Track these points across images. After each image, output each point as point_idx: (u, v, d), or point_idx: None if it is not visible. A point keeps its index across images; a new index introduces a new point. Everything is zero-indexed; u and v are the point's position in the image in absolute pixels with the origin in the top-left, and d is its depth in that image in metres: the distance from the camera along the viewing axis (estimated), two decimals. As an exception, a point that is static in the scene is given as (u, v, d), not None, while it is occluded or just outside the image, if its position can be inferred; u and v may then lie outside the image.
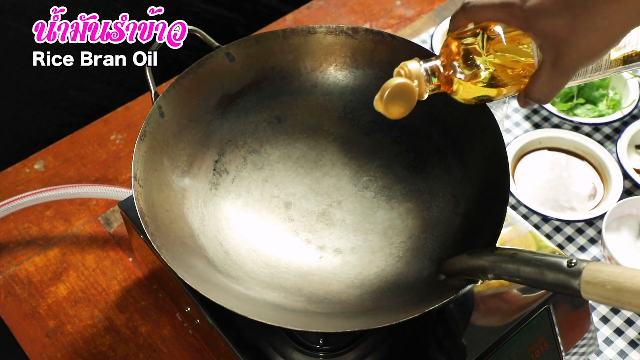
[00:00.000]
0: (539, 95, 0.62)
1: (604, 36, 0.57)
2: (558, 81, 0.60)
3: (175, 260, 0.64)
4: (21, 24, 1.77)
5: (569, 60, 0.58)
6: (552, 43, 0.58)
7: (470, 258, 0.62)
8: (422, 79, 0.64)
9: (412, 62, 0.64)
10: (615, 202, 0.92)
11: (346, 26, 0.79)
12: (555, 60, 0.59)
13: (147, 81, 0.75)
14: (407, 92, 0.64)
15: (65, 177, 0.99)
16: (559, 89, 0.61)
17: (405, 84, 0.63)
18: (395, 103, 0.64)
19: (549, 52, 0.59)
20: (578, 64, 0.59)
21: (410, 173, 0.79)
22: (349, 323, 0.66)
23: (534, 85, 0.61)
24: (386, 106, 0.65)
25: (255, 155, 0.80)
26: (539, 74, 0.61)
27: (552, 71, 0.59)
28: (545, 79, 0.60)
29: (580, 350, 0.78)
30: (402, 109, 0.65)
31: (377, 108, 0.66)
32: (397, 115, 0.65)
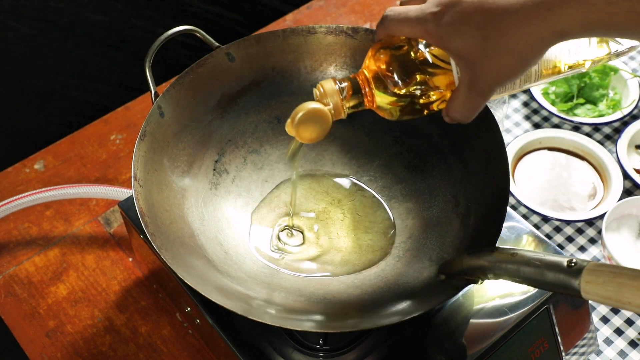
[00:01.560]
0: (457, 114, 0.60)
1: (517, 59, 0.55)
2: (475, 101, 0.58)
3: (175, 260, 0.64)
4: (21, 24, 1.77)
5: (483, 81, 0.56)
6: (467, 64, 0.56)
7: (470, 258, 0.62)
8: (338, 98, 0.62)
9: (328, 81, 0.63)
10: (615, 202, 0.92)
11: (346, 26, 0.79)
12: (471, 80, 0.57)
13: (147, 81, 0.75)
14: (319, 117, 0.63)
15: (65, 177, 0.99)
16: (477, 109, 0.59)
17: (317, 109, 0.63)
18: (307, 127, 0.64)
19: (465, 72, 0.57)
20: (493, 85, 0.57)
21: (410, 173, 0.79)
22: (349, 323, 0.66)
23: (452, 105, 0.60)
24: (297, 131, 0.64)
25: (255, 155, 0.80)
26: (457, 93, 0.59)
27: (469, 92, 0.58)
28: (463, 99, 0.58)
29: (580, 350, 0.78)
30: (315, 134, 0.64)
31: (289, 132, 0.65)
32: (311, 138, 0.65)
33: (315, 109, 0.63)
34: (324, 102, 0.63)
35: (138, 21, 1.78)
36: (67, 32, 1.78)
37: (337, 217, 0.77)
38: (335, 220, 0.77)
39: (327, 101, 0.63)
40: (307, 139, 0.65)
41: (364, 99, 0.63)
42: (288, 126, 0.65)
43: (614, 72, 1.06)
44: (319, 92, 0.63)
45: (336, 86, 0.62)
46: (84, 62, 1.74)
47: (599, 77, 1.05)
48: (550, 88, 1.06)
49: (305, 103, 0.63)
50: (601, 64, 0.65)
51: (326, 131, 0.64)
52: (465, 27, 0.55)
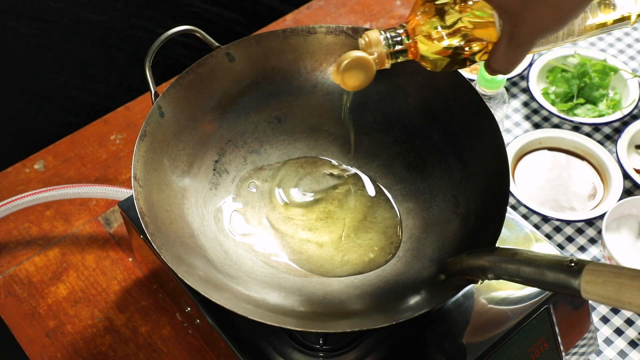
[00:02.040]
0: (498, 66, 0.60)
1: (556, 11, 0.55)
2: (515, 53, 0.59)
3: (175, 260, 0.64)
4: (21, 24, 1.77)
5: (523, 33, 0.57)
6: (508, 15, 0.56)
7: (470, 258, 0.62)
8: (382, 47, 0.64)
9: (374, 31, 0.65)
10: (615, 202, 0.92)
11: (346, 26, 0.79)
12: (512, 32, 0.57)
13: (147, 81, 0.75)
14: (363, 65, 0.65)
15: (65, 177, 0.99)
16: (518, 61, 0.60)
17: (361, 57, 0.65)
18: (351, 75, 0.66)
19: (506, 23, 0.57)
20: (533, 38, 0.57)
21: (410, 173, 0.79)
22: (349, 323, 0.66)
23: (493, 56, 0.60)
24: (342, 77, 0.66)
25: (255, 155, 0.80)
26: (498, 45, 0.60)
27: (509, 43, 0.58)
28: (503, 51, 0.59)
29: (580, 350, 0.78)
30: (359, 81, 0.67)
31: (335, 80, 0.67)
32: (355, 86, 0.67)
33: (360, 57, 0.65)
34: (368, 51, 0.65)
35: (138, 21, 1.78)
36: (67, 32, 1.77)
37: (337, 216, 0.77)
38: (335, 219, 0.77)
39: (372, 50, 0.65)
40: (352, 86, 0.67)
41: (407, 49, 0.64)
42: (334, 74, 0.67)
43: (614, 72, 1.06)
44: (364, 42, 0.65)
45: (381, 36, 0.64)
46: (84, 62, 1.74)
47: (599, 77, 1.05)
48: (550, 88, 1.06)
49: (350, 51, 0.65)
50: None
51: (370, 79, 0.67)
52: None
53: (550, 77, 1.08)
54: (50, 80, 1.69)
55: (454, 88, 0.75)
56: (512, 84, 1.10)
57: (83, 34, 1.78)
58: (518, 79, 1.10)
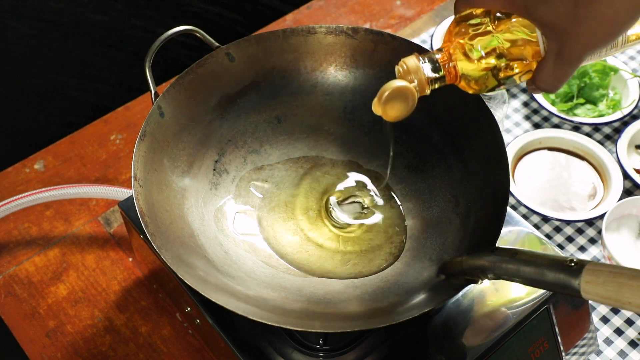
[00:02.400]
0: (545, 85, 0.59)
1: (608, 25, 0.53)
2: (563, 71, 0.57)
3: (175, 260, 0.64)
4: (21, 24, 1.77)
5: (573, 50, 0.55)
6: (555, 32, 0.55)
7: (470, 258, 0.62)
8: (422, 74, 0.63)
9: (411, 58, 0.63)
10: (615, 202, 0.92)
11: (346, 26, 0.79)
12: (559, 50, 0.56)
13: (147, 81, 0.75)
14: (405, 94, 0.63)
15: (65, 177, 0.99)
16: (566, 78, 0.58)
17: (402, 86, 0.63)
18: (393, 106, 0.64)
19: (553, 41, 0.56)
20: (583, 54, 0.56)
21: (410, 173, 0.79)
22: (349, 323, 0.66)
23: (539, 75, 0.59)
24: (384, 109, 0.64)
25: (255, 155, 0.80)
26: (544, 63, 0.58)
27: (557, 61, 0.57)
28: (550, 69, 0.58)
29: (580, 350, 0.78)
30: (401, 112, 0.64)
31: (376, 112, 0.65)
32: (396, 117, 0.65)
33: (402, 87, 0.63)
34: (407, 79, 0.63)
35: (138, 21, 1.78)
36: (67, 32, 1.77)
37: (338, 216, 0.77)
38: (335, 220, 0.77)
39: (411, 78, 0.63)
40: (394, 117, 0.65)
41: (446, 74, 0.63)
42: (375, 105, 0.65)
43: (614, 72, 1.06)
44: (401, 69, 0.63)
45: (419, 62, 0.62)
46: (84, 62, 1.74)
47: (599, 77, 1.05)
48: (550, 88, 1.06)
49: (390, 82, 0.63)
50: None
51: (412, 109, 0.64)
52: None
53: (550, 77, 1.08)
54: (50, 80, 1.69)
55: (454, 88, 0.75)
56: (512, 84, 1.10)
57: (83, 34, 1.78)
58: (518, 79, 1.10)
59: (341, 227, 0.76)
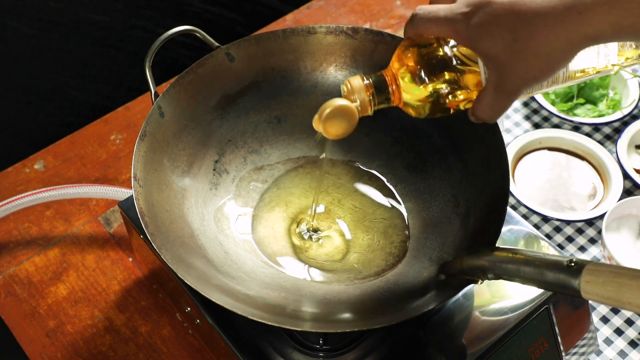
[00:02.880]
0: (483, 114, 0.60)
1: (544, 62, 0.55)
2: (501, 103, 0.58)
3: (175, 260, 0.64)
4: (21, 24, 1.77)
5: (511, 83, 0.56)
6: (495, 64, 0.56)
7: (470, 258, 0.62)
8: (365, 95, 0.63)
9: (356, 78, 0.63)
10: (615, 202, 0.92)
11: (346, 26, 0.79)
12: (498, 81, 0.57)
13: (147, 81, 0.75)
14: (346, 113, 0.63)
15: (65, 177, 0.99)
16: (503, 110, 0.59)
17: (344, 105, 0.63)
18: (334, 124, 0.64)
19: (492, 72, 0.57)
20: (520, 87, 0.57)
21: (410, 173, 0.79)
22: (349, 323, 0.66)
23: (478, 105, 0.60)
24: (325, 127, 0.64)
25: (255, 155, 0.80)
26: (483, 94, 0.59)
27: (495, 92, 0.58)
28: (489, 99, 0.58)
29: (580, 350, 0.78)
30: (342, 130, 0.64)
31: (316, 128, 0.65)
32: (337, 135, 0.65)
33: (343, 106, 0.63)
34: (351, 98, 0.63)
35: (138, 21, 1.78)
36: (67, 32, 1.77)
37: (338, 216, 0.77)
38: (335, 219, 0.77)
39: (354, 97, 0.63)
40: (334, 135, 0.65)
41: (390, 96, 0.63)
42: (315, 122, 0.65)
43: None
44: (346, 89, 0.64)
45: (363, 82, 0.63)
46: (84, 62, 1.74)
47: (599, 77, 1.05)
48: (550, 88, 1.06)
49: (332, 100, 0.64)
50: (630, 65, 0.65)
51: (352, 127, 0.64)
52: (495, 29, 0.55)
53: (550, 77, 1.08)
54: (50, 80, 1.69)
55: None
56: (512, 84, 1.10)
57: (83, 34, 1.78)
58: (518, 79, 1.10)
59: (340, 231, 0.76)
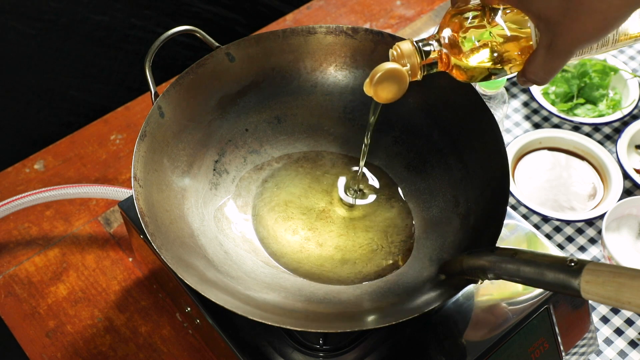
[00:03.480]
0: (535, 77, 0.60)
1: (600, 20, 0.54)
2: (553, 64, 0.58)
3: (175, 260, 0.64)
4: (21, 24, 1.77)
5: (563, 43, 0.56)
6: (547, 25, 0.56)
7: (470, 258, 0.62)
8: (415, 59, 0.63)
9: (406, 42, 0.64)
10: (615, 202, 0.92)
11: (346, 26, 0.79)
12: (551, 42, 0.56)
13: (147, 81, 0.75)
14: (397, 77, 0.64)
15: (65, 177, 0.99)
16: (555, 71, 0.59)
17: (395, 69, 0.64)
18: (384, 87, 0.64)
19: (545, 33, 0.56)
20: (573, 48, 0.56)
21: (410, 173, 0.79)
22: (349, 323, 0.66)
23: (530, 66, 0.60)
24: (376, 90, 0.65)
25: (255, 155, 0.80)
26: (535, 55, 0.59)
27: (547, 53, 0.57)
28: (541, 61, 0.58)
29: (580, 350, 0.78)
30: (392, 94, 0.65)
31: (367, 92, 0.66)
32: (387, 99, 0.66)
33: (394, 69, 0.64)
34: (400, 62, 0.64)
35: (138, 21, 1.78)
36: (67, 32, 1.77)
37: (337, 215, 0.77)
38: (335, 219, 0.77)
39: (404, 62, 0.64)
40: (384, 99, 0.66)
41: (439, 60, 0.64)
42: (366, 86, 0.66)
43: (614, 72, 1.06)
44: (395, 53, 0.64)
45: (414, 47, 0.63)
46: (84, 62, 1.73)
47: (599, 77, 1.05)
48: (550, 88, 1.06)
49: (383, 63, 0.64)
50: None
51: (403, 91, 0.65)
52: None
53: (550, 77, 1.08)
54: (50, 80, 1.69)
55: (454, 88, 0.75)
56: (512, 84, 1.10)
57: (83, 34, 1.78)
58: (518, 79, 1.10)
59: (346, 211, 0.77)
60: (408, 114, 0.79)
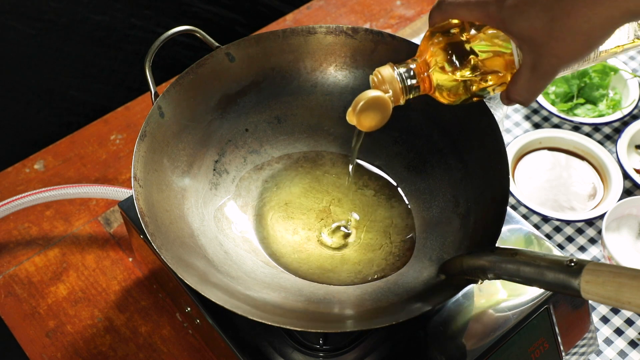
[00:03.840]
0: (519, 97, 0.59)
1: (583, 40, 0.53)
2: (538, 84, 0.58)
3: (175, 260, 0.64)
4: (21, 24, 1.77)
5: (548, 64, 0.56)
6: (531, 46, 0.55)
7: (470, 258, 0.62)
8: (397, 84, 0.63)
9: (386, 67, 0.63)
10: (615, 202, 0.92)
11: (346, 26, 0.79)
12: (534, 63, 0.56)
13: (147, 81, 0.75)
14: (380, 105, 0.63)
15: (65, 177, 0.99)
16: (540, 91, 0.59)
17: (377, 97, 0.63)
18: (367, 116, 0.64)
19: (528, 54, 0.56)
20: (558, 68, 0.56)
21: (410, 173, 0.79)
22: (349, 323, 0.66)
23: (514, 87, 0.59)
24: (359, 119, 0.64)
25: (255, 155, 0.80)
26: (518, 76, 0.58)
27: (532, 74, 0.57)
28: (525, 82, 0.58)
29: (580, 350, 0.78)
30: (376, 122, 0.64)
31: (350, 121, 0.65)
32: (371, 127, 0.65)
33: (377, 97, 0.63)
34: (382, 88, 0.63)
35: (138, 21, 1.78)
36: (67, 32, 1.77)
37: (337, 215, 0.77)
38: (335, 219, 0.77)
39: (386, 88, 0.63)
40: (368, 127, 0.65)
41: (421, 84, 0.63)
42: (349, 115, 0.65)
43: (614, 72, 1.06)
44: (376, 79, 0.63)
45: (394, 72, 0.62)
46: (84, 62, 1.74)
47: (599, 77, 1.05)
48: (550, 88, 1.06)
49: (365, 92, 0.63)
50: None
51: (386, 119, 0.64)
52: (531, 9, 0.54)
53: (550, 77, 1.08)
54: (50, 80, 1.69)
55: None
56: (512, 84, 1.10)
57: (83, 34, 1.78)
58: (518, 79, 1.10)
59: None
60: (408, 114, 0.79)
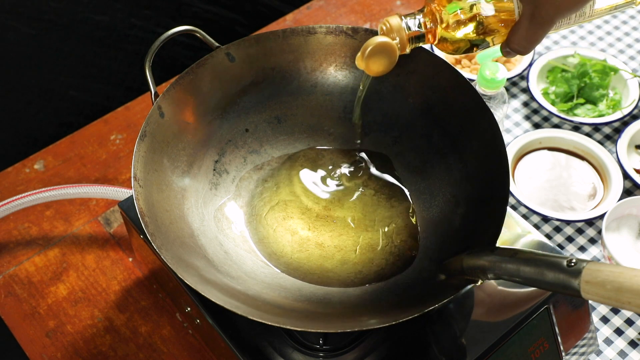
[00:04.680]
0: (518, 46, 0.62)
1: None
2: (536, 33, 0.61)
3: (175, 260, 0.64)
4: (21, 24, 1.77)
5: (546, 13, 0.58)
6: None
7: (470, 258, 0.62)
8: (404, 33, 0.66)
9: (394, 17, 0.67)
10: (615, 202, 0.92)
11: (346, 26, 0.79)
12: (533, 12, 0.59)
13: (147, 81, 0.75)
14: (387, 50, 0.67)
15: (65, 177, 0.99)
16: (538, 41, 0.62)
17: (385, 42, 0.67)
18: (376, 60, 0.68)
19: (527, 5, 0.59)
20: (555, 17, 0.59)
21: (410, 173, 0.79)
22: (349, 323, 0.66)
23: (513, 37, 0.62)
24: (367, 64, 0.68)
25: (255, 155, 0.80)
26: (518, 26, 0.61)
27: (530, 23, 0.60)
28: (524, 31, 0.61)
29: (580, 350, 0.78)
30: (383, 67, 0.69)
31: (359, 66, 0.69)
32: (378, 72, 0.69)
33: (384, 42, 0.67)
34: (390, 36, 0.67)
35: (138, 21, 1.78)
36: (67, 32, 1.77)
37: (337, 215, 0.77)
38: (335, 218, 0.77)
39: (394, 36, 0.67)
40: (375, 72, 0.69)
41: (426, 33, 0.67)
42: (358, 60, 0.69)
43: (614, 72, 1.06)
44: (385, 27, 0.67)
45: (402, 22, 0.66)
46: (84, 62, 1.73)
47: (599, 77, 1.05)
48: (550, 88, 1.06)
49: (373, 37, 0.68)
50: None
51: (393, 64, 0.69)
52: None
53: (550, 77, 1.08)
54: (50, 80, 1.69)
55: (454, 88, 0.75)
56: (512, 84, 1.10)
57: (83, 34, 1.78)
58: (518, 79, 1.10)
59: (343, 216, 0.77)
60: (408, 114, 0.79)
